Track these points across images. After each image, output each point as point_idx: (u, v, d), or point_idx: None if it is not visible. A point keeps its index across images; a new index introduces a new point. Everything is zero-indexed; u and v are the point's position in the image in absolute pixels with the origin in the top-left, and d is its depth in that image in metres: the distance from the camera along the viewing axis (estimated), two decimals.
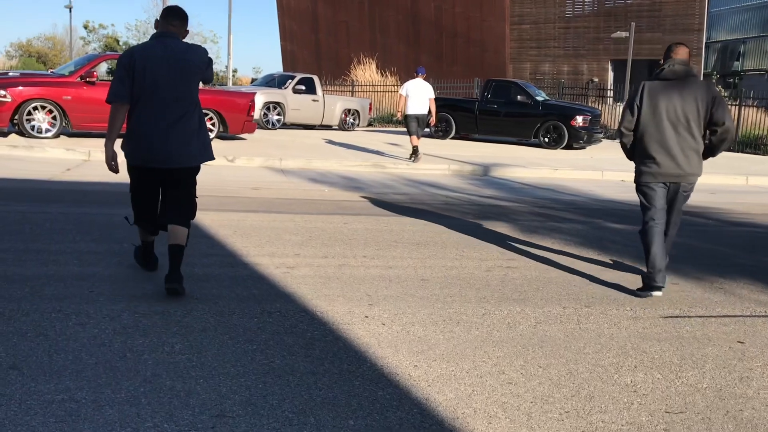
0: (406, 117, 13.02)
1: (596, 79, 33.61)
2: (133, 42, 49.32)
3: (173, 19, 4.31)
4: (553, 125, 17.42)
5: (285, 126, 19.44)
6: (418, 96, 12.92)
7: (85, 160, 11.03)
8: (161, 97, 4.13)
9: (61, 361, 3.11)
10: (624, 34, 22.56)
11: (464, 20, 37.54)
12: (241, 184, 9.59)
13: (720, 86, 30.72)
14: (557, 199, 9.86)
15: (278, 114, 18.87)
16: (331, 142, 16.31)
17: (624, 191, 11.18)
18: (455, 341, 3.70)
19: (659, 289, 4.80)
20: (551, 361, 3.51)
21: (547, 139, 17.52)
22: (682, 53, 4.81)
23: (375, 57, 35.73)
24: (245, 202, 8.00)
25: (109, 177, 6.63)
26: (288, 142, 15.32)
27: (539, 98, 18.10)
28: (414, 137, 12.91)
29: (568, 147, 17.34)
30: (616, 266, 5.81)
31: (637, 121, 4.82)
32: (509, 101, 18.02)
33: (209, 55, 4.43)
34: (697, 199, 10.09)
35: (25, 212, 6.38)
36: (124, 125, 4.25)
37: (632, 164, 5.04)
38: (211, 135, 14.06)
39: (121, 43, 47.27)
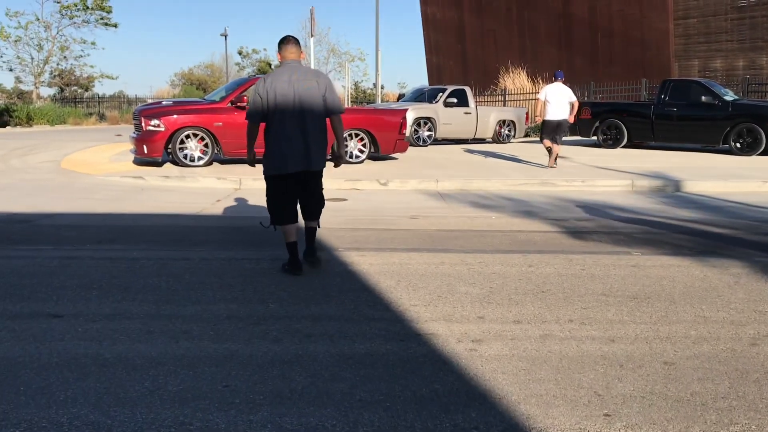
0: (544, 122, 12.75)
1: None
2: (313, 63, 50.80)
3: (292, 47, 5.22)
4: (747, 128, 14.99)
5: (436, 142, 18.40)
6: (558, 101, 12.57)
7: (236, 189, 10.52)
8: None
9: None
10: None
11: (621, 18, 34.82)
12: (398, 212, 8.54)
13: None
14: None
15: (429, 129, 17.87)
16: (488, 157, 15.00)
17: None
18: None
19: None
20: None
21: (739, 145, 15.12)
22: None
23: (525, 64, 34.00)
24: (404, 236, 6.90)
25: (258, 208, 6.00)
26: (442, 160, 14.20)
27: (728, 98, 15.70)
28: (547, 141, 12.68)
29: (766, 153, 14.83)
30: None
31: None
32: (691, 103, 15.79)
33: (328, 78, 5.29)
34: None
35: (165, 260, 5.66)
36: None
37: None
38: (362, 156, 13.26)
39: (272, 66, 48.78)
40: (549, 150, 12.74)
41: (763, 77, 28.48)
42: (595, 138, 17.27)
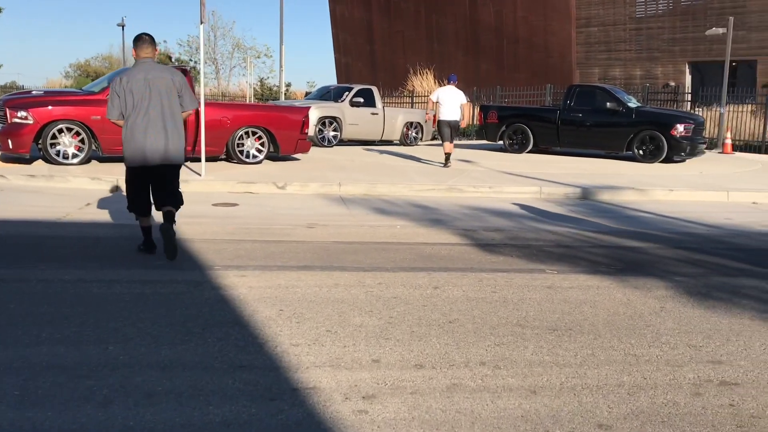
0: (439, 123, 13.14)
1: (672, 83, 30.82)
2: (185, 57, 48.72)
3: (147, 46, 5.50)
4: (650, 135, 15.04)
5: (342, 142, 17.60)
6: (450, 102, 12.94)
7: (110, 191, 9.32)
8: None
9: None
10: (721, 30, 19.92)
11: (526, 25, 35.26)
12: (294, 220, 7.68)
13: None
14: (696, 234, 7.61)
15: (334, 130, 17.05)
16: (395, 160, 14.33)
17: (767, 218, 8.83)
18: None
19: None
20: None
21: (642, 152, 15.15)
22: None
23: (433, 66, 33.77)
24: (297, 250, 6.05)
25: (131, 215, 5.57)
26: (347, 163, 13.42)
27: (632, 105, 15.73)
28: (447, 144, 13.00)
29: (668, 160, 14.94)
30: None
31: None
32: (596, 109, 15.71)
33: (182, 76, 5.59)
34: None
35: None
36: None
37: (759, 184, 3.53)
38: (260, 156, 12.28)
39: (173, 60, 46.60)
40: (447, 156, 13.16)
41: (658, 86, 29.43)
42: (501, 142, 16.97)
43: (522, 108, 18.51)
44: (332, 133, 17.00)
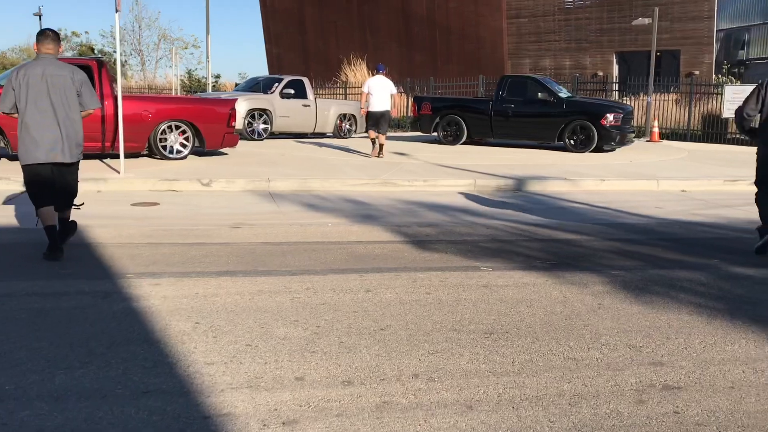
0: (368, 114, 13.18)
1: (600, 73, 31.48)
2: (109, 49, 46.86)
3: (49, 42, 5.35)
4: (581, 125, 15.17)
5: (273, 136, 17.13)
6: (381, 93, 13.06)
7: (18, 191, 8.67)
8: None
9: None
10: (646, 20, 20.31)
11: (458, 16, 35.32)
12: (218, 220, 7.28)
13: (728, 76, 28.59)
14: (630, 225, 7.58)
15: (265, 122, 16.57)
16: (328, 153, 13.99)
17: (698, 206, 8.93)
18: None
19: None
20: None
21: (573, 142, 15.27)
22: None
23: (366, 57, 33.45)
24: (220, 253, 5.67)
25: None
26: (277, 157, 13.00)
27: (562, 95, 15.84)
28: (372, 132, 13.17)
29: (598, 150, 15.11)
30: None
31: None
32: (528, 100, 15.75)
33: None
34: None
35: None
36: None
37: (690, 171, 4.78)
38: (185, 152, 11.74)
39: (96, 51, 44.75)
40: (373, 141, 13.24)
41: (587, 76, 29.97)
42: (435, 134, 16.85)
43: (455, 99, 18.44)
44: (262, 126, 16.52)
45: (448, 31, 36.07)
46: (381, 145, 13.16)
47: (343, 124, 18.53)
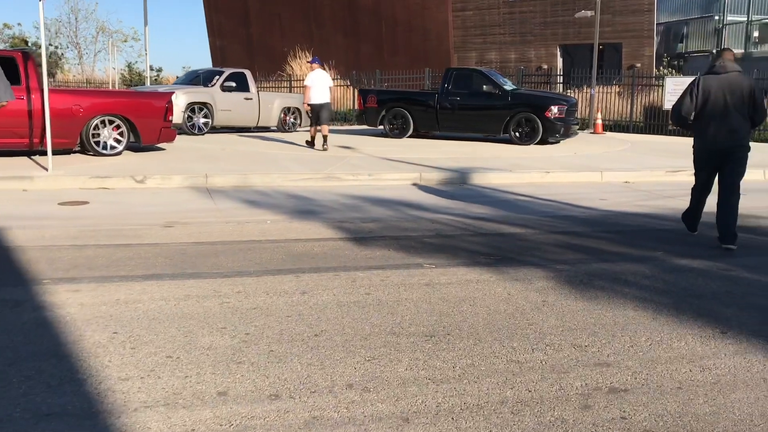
0: (312, 107, 13.21)
1: (545, 66, 31.82)
2: (44, 42, 45.09)
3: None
4: (526, 118, 15.15)
5: (214, 130, 16.63)
6: (321, 85, 13.16)
7: None
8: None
9: None
10: (589, 13, 20.50)
11: (404, 8, 35.17)
12: (151, 219, 6.91)
13: (669, 69, 29.27)
14: (574, 217, 7.52)
15: (205, 116, 16.06)
16: (270, 147, 13.63)
17: (641, 197, 8.96)
18: None
19: None
20: None
21: (518, 134, 15.25)
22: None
23: (312, 50, 33.00)
24: (148, 254, 5.33)
25: None
26: (217, 152, 12.58)
27: (507, 88, 15.81)
28: (314, 128, 13.37)
29: (543, 142, 15.13)
30: None
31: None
32: (473, 92, 15.67)
33: None
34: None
35: None
36: None
37: (633, 162, 5.98)
38: (119, 147, 11.24)
39: (30, 44, 43.01)
40: (314, 136, 13.41)
41: (532, 69, 30.22)
42: (381, 127, 16.63)
43: (401, 92, 18.25)
44: (203, 120, 16.01)
45: (394, 24, 35.91)
46: (325, 137, 13.10)
47: (288, 118, 18.15)
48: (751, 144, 6.23)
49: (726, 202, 5.98)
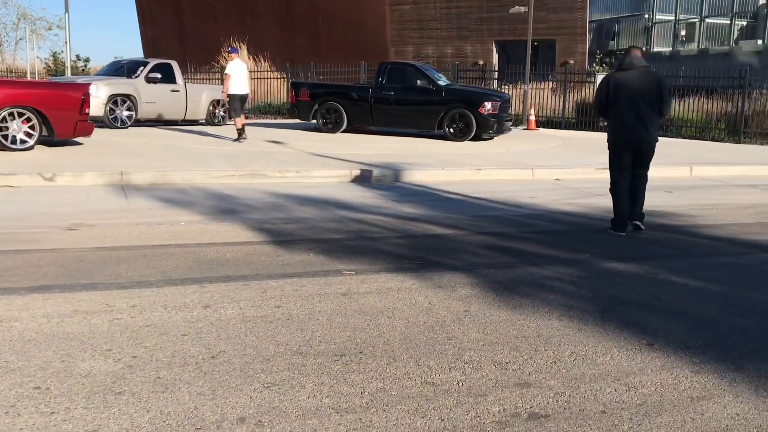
0: (233, 98, 13.09)
1: (481, 62, 31.94)
2: None
3: None
4: (460, 113, 14.99)
5: (139, 123, 15.88)
6: (240, 76, 13.12)
7: None
8: None
9: None
10: (522, 9, 20.57)
11: (341, 1, 34.73)
12: (54, 220, 6.38)
13: (601, 66, 29.80)
14: (503, 217, 7.34)
15: (129, 109, 15.30)
16: (196, 142, 13.06)
17: (571, 195, 8.88)
18: None
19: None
20: None
21: (452, 130, 15.09)
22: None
23: (246, 41, 32.19)
24: (41, 263, 4.84)
25: None
26: (139, 146, 11.96)
27: (441, 83, 15.63)
28: (239, 120, 13.12)
29: (477, 138, 15.01)
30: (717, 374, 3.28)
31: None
32: (408, 87, 15.40)
33: None
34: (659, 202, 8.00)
35: None
36: None
37: (560, 160, 5.79)
38: (30, 141, 10.53)
39: None
40: (240, 131, 13.20)
41: (468, 64, 30.26)
42: (314, 122, 16.22)
43: (335, 85, 17.84)
44: (126, 113, 15.25)
45: (331, 17, 35.43)
46: (242, 127, 13.18)
47: (217, 111, 17.52)
48: (676, 140, 6.23)
49: (637, 188, 6.54)
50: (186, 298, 4.10)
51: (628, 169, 6.51)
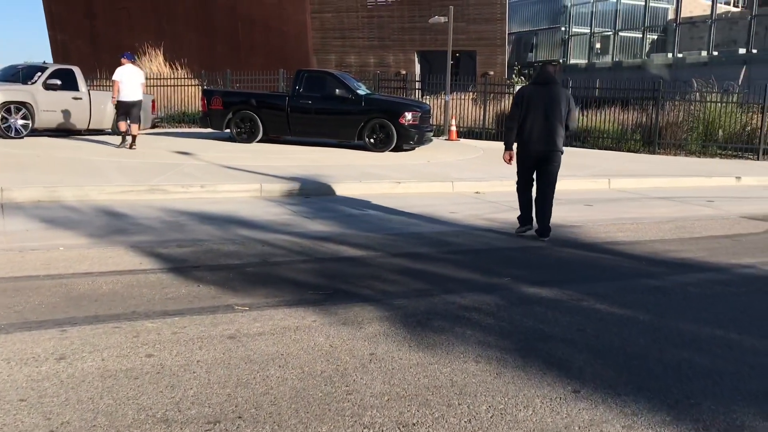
0: (119, 103, 13.01)
1: (403, 71, 31.79)
2: None
3: None
4: (380, 124, 14.56)
5: (36, 133, 14.72)
6: (132, 82, 13.02)
7: None
8: None
9: None
10: (442, 18, 20.40)
11: (261, 7, 33.91)
12: None
13: (520, 77, 30.18)
14: (421, 235, 6.90)
15: (24, 118, 14.14)
16: (96, 153, 12.10)
17: (491, 210, 8.55)
18: None
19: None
20: None
21: (372, 140, 14.64)
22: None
23: (162, 47, 30.92)
24: None
25: None
26: (31, 158, 10.95)
27: (361, 92, 15.18)
28: (123, 123, 12.99)
29: (398, 149, 14.63)
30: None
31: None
32: (326, 96, 14.87)
33: None
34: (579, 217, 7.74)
35: None
36: None
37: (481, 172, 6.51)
38: None
39: None
40: (124, 135, 13.00)
41: (391, 74, 30.01)
42: (228, 131, 15.46)
43: (249, 94, 17.08)
44: (21, 122, 14.07)
45: (251, 23, 34.55)
46: (134, 137, 12.92)
47: None
48: (594, 151, 5.99)
49: (544, 197, 6.81)
50: (38, 347, 3.42)
51: (532, 169, 6.88)
